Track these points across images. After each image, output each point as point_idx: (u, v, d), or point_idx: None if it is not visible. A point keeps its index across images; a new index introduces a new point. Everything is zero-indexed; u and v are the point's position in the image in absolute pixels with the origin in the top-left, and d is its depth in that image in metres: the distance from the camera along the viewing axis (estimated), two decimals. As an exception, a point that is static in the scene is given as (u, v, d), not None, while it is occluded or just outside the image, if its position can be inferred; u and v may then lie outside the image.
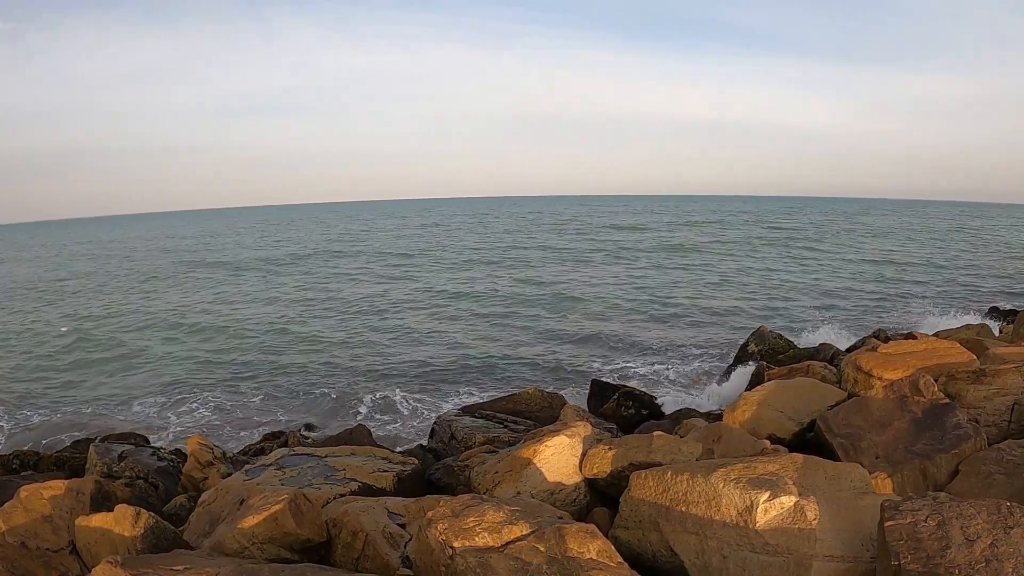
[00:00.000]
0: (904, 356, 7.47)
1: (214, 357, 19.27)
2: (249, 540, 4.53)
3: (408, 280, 34.12)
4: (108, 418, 14.32)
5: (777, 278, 31.88)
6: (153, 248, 65.21)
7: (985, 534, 3.28)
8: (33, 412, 14.89)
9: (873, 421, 6.03)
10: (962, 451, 5.42)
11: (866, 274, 33.03)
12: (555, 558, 3.65)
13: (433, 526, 3.97)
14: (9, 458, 9.74)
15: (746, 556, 4.00)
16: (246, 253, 53.57)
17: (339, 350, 19.38)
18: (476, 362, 17.74)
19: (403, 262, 42.63)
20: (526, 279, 32.74)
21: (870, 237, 56.36)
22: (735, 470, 4.35)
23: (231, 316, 25.63)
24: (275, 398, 15.38)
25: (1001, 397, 6.50)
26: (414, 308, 26.00)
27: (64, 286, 37.01)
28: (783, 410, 6.82)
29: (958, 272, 33.81)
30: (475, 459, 7.01)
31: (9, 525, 5.31)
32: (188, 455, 8.03)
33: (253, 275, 38.38)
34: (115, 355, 20.00)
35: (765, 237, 55.76)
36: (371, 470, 6.52)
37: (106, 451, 8.57)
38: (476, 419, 9.98)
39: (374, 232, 75.93)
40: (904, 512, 3.49)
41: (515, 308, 25.17)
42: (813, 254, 42.57)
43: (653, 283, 30.89)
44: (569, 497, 5.58)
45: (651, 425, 9.46)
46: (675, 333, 20.34)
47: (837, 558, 3.79)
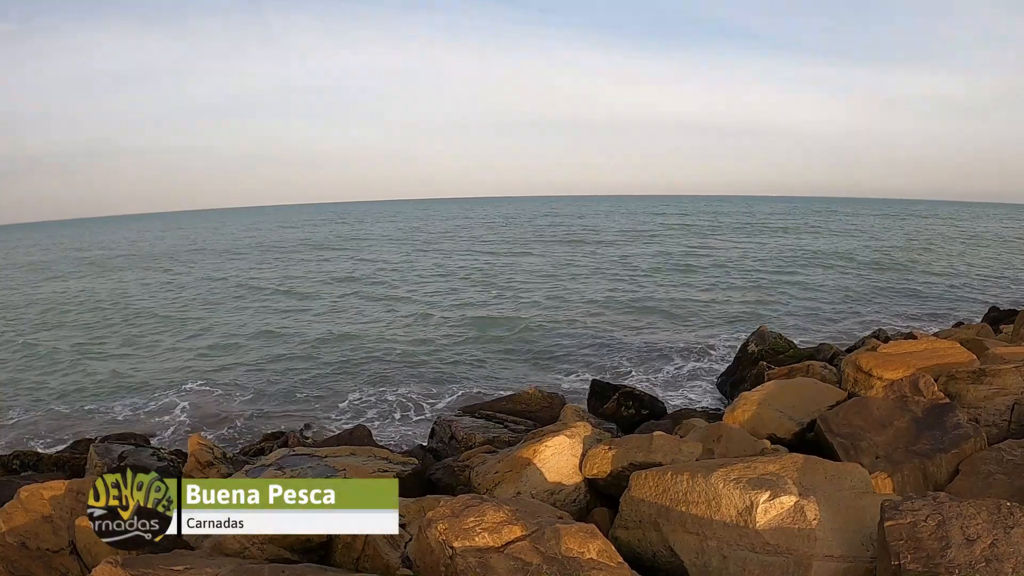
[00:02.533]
0: (904, 356, 7.47)
1: (214, 358, 19.27)
2: (250, 540, 4.53)
3: (408, 279, 34.13)
4: (108, 418, 14.33)
5: (777, 278, 31.88)
6: (150, 248, 65.26)
7: (985, 534, 3.28)
8: (33, 412, 14.89)
9: (873, 421, 6.03)
10: (962, 451, 5.43)
11: (866, 274, 33.03)
12: (555, 558, 3.66)
13: (433, 526, 3.98)
14: (9, 458, 9.74)
15: (746, 556, 4.01)
16: (254, 255, 53.60)
17: (339, 350, 19.37)
18: (476, 362, 17.74)
19: (403, 263, 42.62)
20: (526, 278, 32.75)
21: (870, 237, 56.37)
22: (735, 470, 4.35)
23: (231, 316, 25.64)
24: (275, 398, 15.37)
25: (1001, 397, 6.50)
26: (414, 308, 25.99)
27: (67, 286, 37.02)
28: (783, 410, 6.82)
29: (958, 272, 33.81)
30: (475, 459, 7.01)
31: (9, 525, 5.31)
32: (188, 455, 8.03)
33: (253, 275, 38.40)
34: (115, 356, 20.01)
35: (765, 238, 55.76)
36: (371, 470, 6.52)
37: (106, 451, 8.57)
38: (476, 419, 9.99)
39: (372, 233, 75.95)
40: (904, 512, 3.49)
41: (515, 307, 25.17)
42: (813, 253, 42.56)
43: (653, 283, 30.89)
44: (569, 497, 5.58)
45: (651, 425, 9.46)
46: (675, 333, 20.32)
47: (837, 558, 3.79)
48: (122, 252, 61.84)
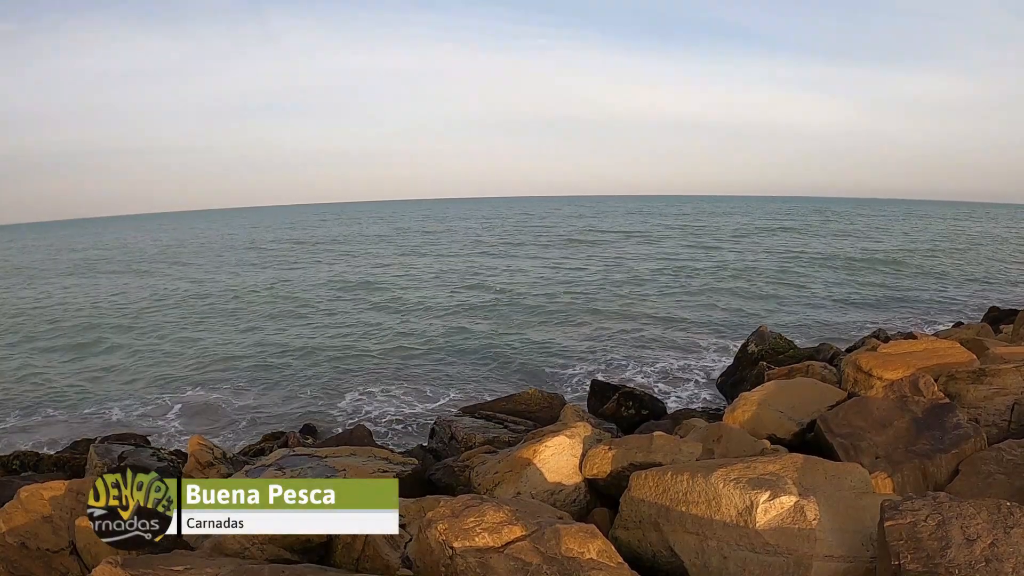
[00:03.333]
0: (904, 356, 7.47)
1: (214, 358, 19.26)
2: (249, 540, 4.54)
3: (408, 280, 34.12)
4: (108, 418, 14.33)
5: (777, 278, 31.88)
6: (150, 248, 65.26)
7: (985, 534, 3.28)
8: (33, 412, 14.89)
9: (873, 421, 6.03)
10: (962, 451, 5.43)
11: (866, 274, 33.03)
12: (555, 558, 3.66)
13: (433, 526, 3.98)
14: (9, 458, 9.74)
15: (746, 556, 4.01)
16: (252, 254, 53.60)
17: (339, 351, 19.37)
18: (476, 362, 17.73)
19: (403, 263, 42.62)
20: (526, 278, 32.75)
21: (868, 238, 56.37)
22: (735, 470, 4.35)
23: (231, 316, 25.64)
24: (275, 399, 15.37)
25: (1001, 397, 6.50)
26: (413, 309, 25.99)
27: (61, 283, 37.02)
28: (783, 410, 6.82)
29: (958, 272, 33.81)
30: (475, 459, 7.01)
31: (9, 525, 5.32)
32: (188, 455, 8.03)
33: (253, 274, 38.40)
34: (115, 355, 20.01)
35: (765, 238, 55.77)
36: (371, 470, 6.52)
37: (106, 451, 8.57)
38: (476, 419, 9.99)
39: (372, 233, 75.98)
40: (904, 512, 3.49)
41: (515, 308, 25.17)
42: (812, 254, 42.57)
43: (653, 283, 30.89)
44: (569, 497, 5.58)
45: (651, 425, 9.46)
46: (675, 333, 20.32)
47: (837, 558, 3.80)
48: (121, 252, 61.87)
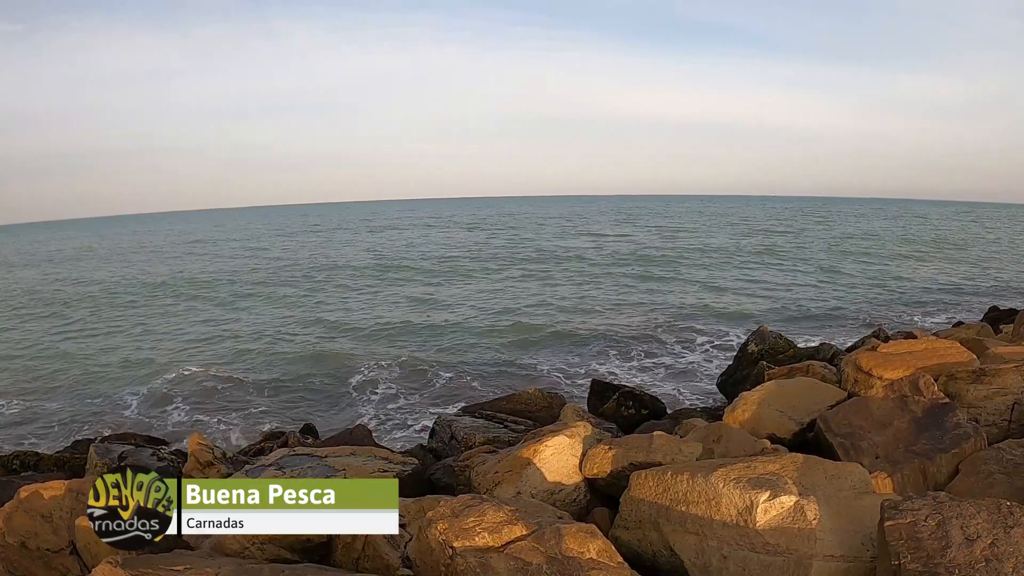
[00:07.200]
0: (904, 356, 7.47)
1: (214, 358, 19.26)
2: (249, 540, 4.54)
3: (408, 280, 34.12)
4: (108, 418, 14.33)
5: (777, 278, 31.89)
6: (153, 248, 65.27)
7: (985, 534, 3.28)
8: (33, 412, 14.89)
9: (873, 421, 6.03)
10: (962, 451, 5.42)
11: (866, 273, 33.03)
12: (555, 558, 3.66)
13: (433, 526, 3.98)
14: (9, 458, 9.73)
15: (746, 556, 4.01)
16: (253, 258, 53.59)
17: (339, 351, 19.37)
18: (476, 362, 17.74)
19: (402, 263, 42.62)
20: (525, 278, 32.76)
21: (868, 238, 56.37)
22: (735, 470, 4.35)
23: (231, 317, 25.64)
24: (275, 398, 15.37)
25: (1001, 397, 6.50)
26: (412, 309, 26.00)
27: (64, 288, 37.01)
28: (783, 410, 6.82)
29: (958, 272, 33.82)
30: (475, 459, 7.01)
31: (9, 525, 5.31)
32: (188, 455, 8.03)
33: (254, 275, 38.38)
34: (115, 355, 20.00)
35: (765, 238, 55.79)
36: (371, 470, 6.52)
37: (106, 451, 8.57)
38: (476, 419, 9.98)
39: (372, 234, 75.96)
40: (904, 512, 3.49)
41: (515, 308, 25.17)
42: (813, 253, 42.59)
43: (654, 283, 30.89)
44: (569, 497, 5.58)
45: (651, 425, 9.46)
46: (674, 333, 20.33)
47: (837, 558, 3.80)
48: (119, 251, 61.87)
